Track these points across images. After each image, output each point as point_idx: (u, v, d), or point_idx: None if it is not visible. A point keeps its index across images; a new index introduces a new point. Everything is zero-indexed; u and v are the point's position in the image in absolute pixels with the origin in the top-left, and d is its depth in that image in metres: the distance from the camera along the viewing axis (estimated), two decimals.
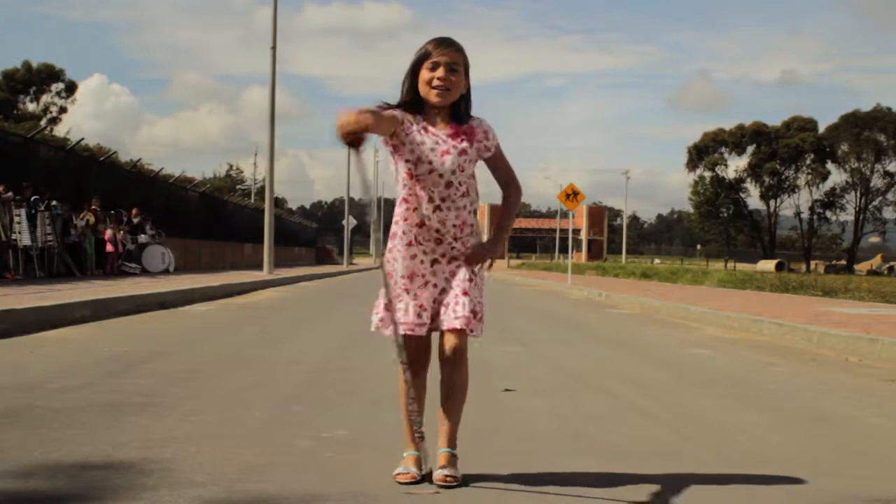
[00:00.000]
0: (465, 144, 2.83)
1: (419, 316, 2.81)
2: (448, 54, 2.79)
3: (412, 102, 2.85)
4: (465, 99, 2.87)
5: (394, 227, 2.88)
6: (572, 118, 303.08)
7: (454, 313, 2.78)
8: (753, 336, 8.76)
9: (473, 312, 2.80)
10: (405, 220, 2.84)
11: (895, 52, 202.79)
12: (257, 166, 72.05)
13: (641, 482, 2.89)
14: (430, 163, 2.80)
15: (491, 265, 2.94)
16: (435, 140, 2.82)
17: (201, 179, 38.21)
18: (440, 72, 2.78)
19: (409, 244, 2.84)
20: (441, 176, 2.80)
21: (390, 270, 2.86)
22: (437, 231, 2.82)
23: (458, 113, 2.86)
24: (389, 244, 2.89)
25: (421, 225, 2.82)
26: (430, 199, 2.81)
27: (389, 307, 2.82)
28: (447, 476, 2.78)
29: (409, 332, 2.81)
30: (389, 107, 2.84)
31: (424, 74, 2.80)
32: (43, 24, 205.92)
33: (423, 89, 2.82)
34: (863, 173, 65.51)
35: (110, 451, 3.10)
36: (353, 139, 2.59)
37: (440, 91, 2.79)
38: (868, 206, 66.02)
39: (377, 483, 2.78)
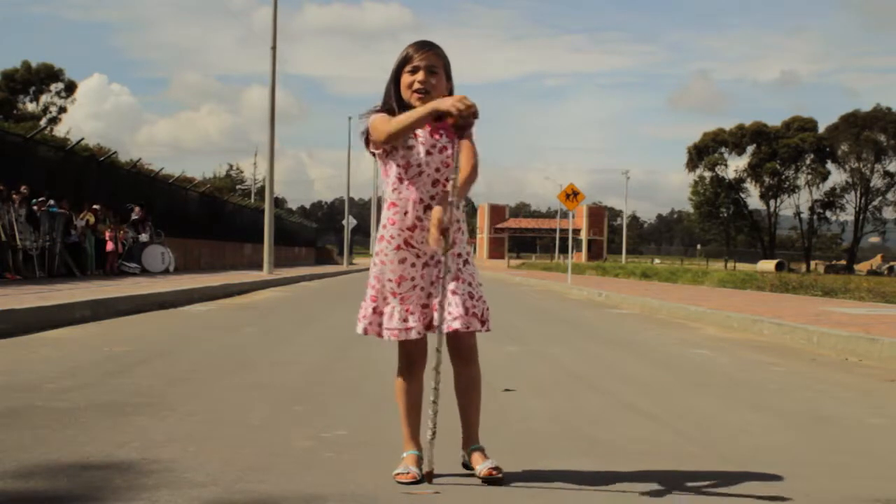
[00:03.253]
0: (445, 140, 2.87)
1: (405, 321, 2.83)
2: (427, 57, 2.85)
3: (398, 107, 2.88)
4: None
5: (382, 231, 2.90)
6: (572, 118, 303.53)
7: (449, 315, 2.79)
8: (753, 336, 8.76)
9: (466, 309, 2.81)
10: (393, 223, 2.86)
11: (895, 52, 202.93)
12: (257, 166, 72.21)
13: (642, 482, 2.90)
14: (419, 165, 2.85)
15: (449, 238, 2.73)
16: (418, 140, 2.86)
17: (201, 179, 38.25)
18: (420, 75, 2.85)
19: (399, 248, 2.86)
20: (428, 176, 2.84)
21: (378, 274, 2.88)
22: (429, 231, 2.82)
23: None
24: (378, 247, 2.92)
25: (413, 228, 2.84)
26: (421, 200, 2.84)
27: (377, 310, 2.86)
28: (492, 469, 2.81)
29: (392, 337, 2.84)
30: (378, 110, 2.88)
31: (405, 78, 2.87)
32: (43, 24, 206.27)
33: (405, 93, 2.88)
34: (863, 173, 65.58)
35: (110, 451, 3.10)
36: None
37: (420, 94, 2.84)
38: (868, 206, 66.10)
39: (377, 483, 2.78)
